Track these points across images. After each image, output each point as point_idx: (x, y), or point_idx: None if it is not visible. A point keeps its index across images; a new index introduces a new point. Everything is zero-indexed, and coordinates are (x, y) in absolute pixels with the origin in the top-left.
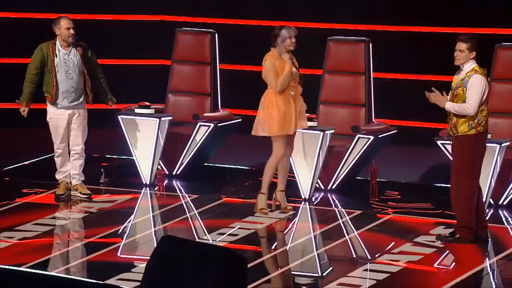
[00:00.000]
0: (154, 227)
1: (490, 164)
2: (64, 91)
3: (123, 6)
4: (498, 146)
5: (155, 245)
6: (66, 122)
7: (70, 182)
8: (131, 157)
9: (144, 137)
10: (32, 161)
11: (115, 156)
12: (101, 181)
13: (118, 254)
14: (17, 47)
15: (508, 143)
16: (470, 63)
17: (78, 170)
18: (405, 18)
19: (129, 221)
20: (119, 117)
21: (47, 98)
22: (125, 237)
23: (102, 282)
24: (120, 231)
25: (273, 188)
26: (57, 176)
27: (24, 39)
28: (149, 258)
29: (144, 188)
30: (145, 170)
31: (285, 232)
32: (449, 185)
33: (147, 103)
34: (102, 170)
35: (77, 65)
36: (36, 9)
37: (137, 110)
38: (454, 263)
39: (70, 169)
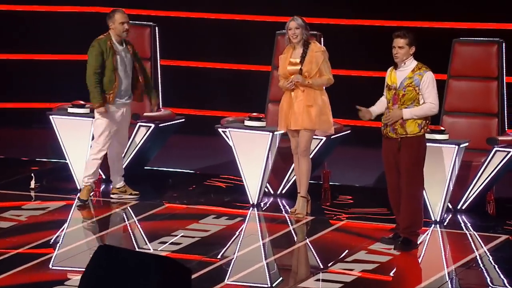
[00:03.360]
0: (90, 236)
1: (448, 166)
2: (123, 89)
3: None
4: (456, 147)
5: (91, 256)
6: (119, 120)
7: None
8: (64, 161)
9: (78, 139)
10: None
11: (46, 160)
12: (31, 186)
13: (50, 266)
14: None
15: (467, 144)
16: (411, 59)
17: (123, 171)
18: (357, 11)
19: (62, 230)
20: (50, 117)
21: (108, 97)
22: (57, 248)
23: None
24: (52, 241)
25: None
26: (87, 179)
27: None
28: (84, 269)
29: (78, 194)
30: (80, 175)
31: (232, 240)
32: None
33: (82, 102)
34: (32, 174)
35: (131, 61)
36: None
37: (70, 110)
38: (411, 272)
39: (114, 172)
